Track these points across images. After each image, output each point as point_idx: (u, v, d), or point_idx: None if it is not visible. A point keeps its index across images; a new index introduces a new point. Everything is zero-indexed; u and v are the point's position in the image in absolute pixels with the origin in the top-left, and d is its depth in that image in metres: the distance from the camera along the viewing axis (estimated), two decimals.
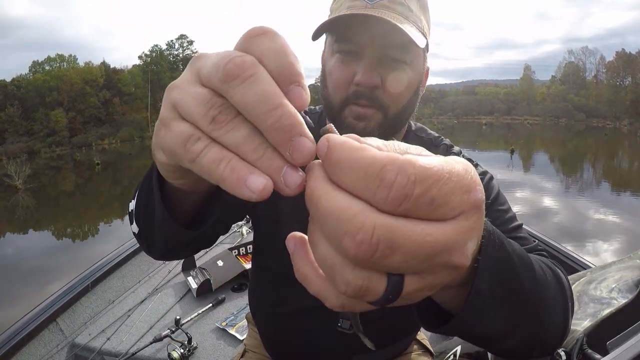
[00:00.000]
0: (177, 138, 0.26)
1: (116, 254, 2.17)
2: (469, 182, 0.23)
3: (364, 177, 0.21)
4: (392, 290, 0.23)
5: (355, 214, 0.21)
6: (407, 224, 0.21)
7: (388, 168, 0.21)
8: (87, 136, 42.14)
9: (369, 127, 0.71)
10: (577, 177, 14.83)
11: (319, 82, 0.80)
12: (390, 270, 0.23)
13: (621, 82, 58.28)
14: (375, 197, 0.21)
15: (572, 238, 6.82)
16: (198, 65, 0.27)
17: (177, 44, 56.57)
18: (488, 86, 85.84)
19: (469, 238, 0.24)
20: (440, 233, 0.22)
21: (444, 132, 24.38)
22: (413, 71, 0.72)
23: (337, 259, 0.23)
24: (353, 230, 0.21)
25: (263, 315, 0.95)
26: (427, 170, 0.21)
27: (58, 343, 1.67)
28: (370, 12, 0.64)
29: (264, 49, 0.25)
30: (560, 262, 1.84)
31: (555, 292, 0.48)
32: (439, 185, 0.21)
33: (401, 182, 0.21)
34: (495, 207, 0.73)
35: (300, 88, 0.25)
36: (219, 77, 0.24)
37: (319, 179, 0.23)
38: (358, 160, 0.22)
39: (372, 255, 0.21)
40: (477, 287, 0.34)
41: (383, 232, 0.21)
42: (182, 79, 0.28)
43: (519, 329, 0.41)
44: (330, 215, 0.22)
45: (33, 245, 8.64)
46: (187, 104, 0.26)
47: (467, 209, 0.23)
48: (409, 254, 0.22)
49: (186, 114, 0.26)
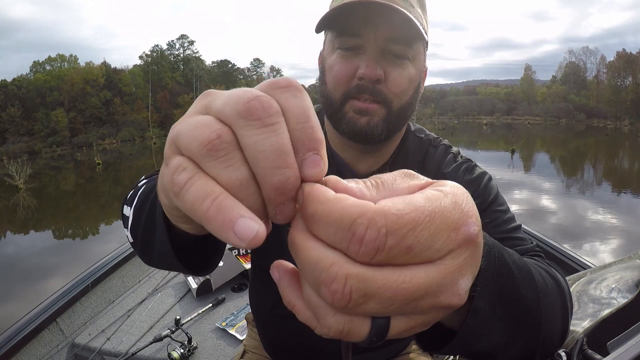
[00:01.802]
0: (168, 172, 0.24)
1: (116, 254, 2.17)
2: (457, 218, 0.22)
3: (336, 230, 0.21)
4: (377, 333, 0.23)
5: (330, 264, 0.21)
6: (382, 273, 0.21)
7: (358, 222, 0.20)
8: (88, 136, 42.19)
9: (373, 122, 0.70)
10: (578, 177, 14.80)
11: (318, 82, 0.80)
12: (371, 315, 0.22)
13: (622, 82, 58.20)
14: (348, 250, 0.21)
15: (572, 238, 6.82)
16: (208, 99, 0.25)
17: (177, 44, 56.70)
18: (489, 86, 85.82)
19: (460, 276, 0.23)
20: (423, 277, 0.21)
21: (445, 132, 24.24)
22: (415, 68, 0.72)
23: (320, 302, 0.23)
24: (328, 280, 0.21)
25: (263, 316, 0.95)
26: (400, 219, 0.20)
27: (58, 343, 1.67)
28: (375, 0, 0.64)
29: (288, 105, 0.23)
30: (560, 262, 1.85)
31: (554, 298, 0.47)
32: (416, 232, 0.21)
33: (372, 236, 0.20)
34: (494, 208, 0.73)
35: (319, 158, 0.23)
36: (238, 109, 0.22)
37: (299, 229, 0.23)
38: (330, 214, 0.21)
39: (346, 303, 0.21)
40: (477, 306, 0.33)
41: (355, 282, 0.21)
42: (187, 112, 0.26)
43: (520, 339, 0.41)
44: (307, 264, 0.22)
45: (34, 245, 8.65)
46: (185, 131, 0.24)
47: (455, 246, 0.22)
48: (385, 301, 0.21)
49: (183, 144, 0.24)
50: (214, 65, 62.79)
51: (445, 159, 0.82)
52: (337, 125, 0.74)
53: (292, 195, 0.23)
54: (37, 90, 42.43)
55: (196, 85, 56.17)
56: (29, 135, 39.77)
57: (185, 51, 57.17)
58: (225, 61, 63.59)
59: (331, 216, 0.21)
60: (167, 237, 0.44)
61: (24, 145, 36.57)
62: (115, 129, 44.99)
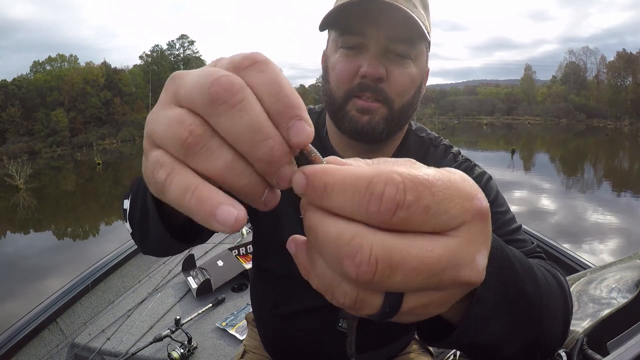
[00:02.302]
0: (147, 168, 0.24)
1: (116, 254, 2.17)
2: (469, 190, 0.22)
3: (353, 195, 0.21)
4: (390, 304, 0.23)
5: (352, 236, 0.21)
6: (405, 240, 0.21)
7: (375, 180, 0.20)
8: (88, 136, 42.14)
9: (374, 120, 0.70)
10: (578, 177, 14.80)
11: (320, 82, 0.80)
12: (395, 290, 0.22)
13: (622, 82, 58.18)
14: (368, 214, 0.21)
15: (571, 238, 6.81)
16: (175, 85, 0.24)
17: (178, 44, 56.64)
18: (489, 86, 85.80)
19: (477, 250, 0.23)
20: (443, 247, 0.21)
21: (445, 132, 24.25)
22: (417, 67, 0.72)
23: (335, 277, 0.23)
24: (351, 253, 0.21)
25: (263, 315, 0.95)
26: (416, 177, 0.21)
27: (58, 343, 1.67)
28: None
29: (258, 81, 0.23)
30: (560, 262, 1.85)
31: (556, 296, 0.47)
32: (432, 191, 0.21)
33: (391, 192, 0.20)
34: (494, 208, 0.72)
35: (303, 122, 0.23)
36: (203, 100, 0.22)
37: (312, 211, 0.23)
38: (345, 179, 0.21)
39: (372, 276, 0.20)
40: (480, 296, 0.32)
41: (380, 250, 0.20)
42: (158, 104, 0.25)
43: (521, 335, 0.41)
44: (327, 242, 0.22)
45: (33, 244, 8.65)
46: (158, 128, 0.24)
47: (469, 218, 0.22)
48: (411, 271, 0.21)
49: (158, 139, 0.24)
50: None
51: (445, 159, 0.83)
52: (339, 123, 0.74)
53: (284, 161, 0.23)
54: (37, 90, 42.39)
55: None
56: (29, 135, 39.75)
57: (185, 51, 57.16)
58: None
59: (346, 181, 0.21)
60: (158, 216, 0.48)
61: (24, 145, 36.54)
62: (115, 129, 44.95)
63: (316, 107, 0.91)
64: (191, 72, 0.24)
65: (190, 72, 0.24)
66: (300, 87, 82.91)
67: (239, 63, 0.23)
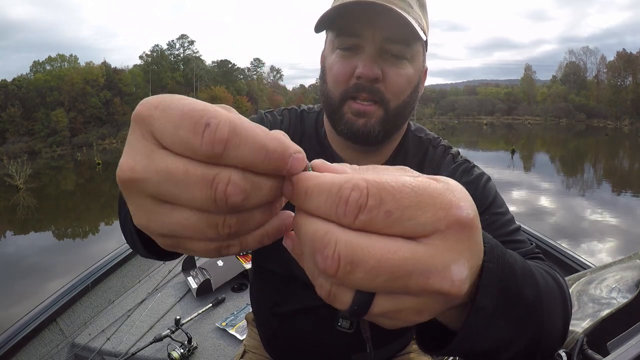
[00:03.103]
0: (206, 251, 0.26)
1: (116, 254, 2.17)
2: (449, 200, 0.23)
3: (326, 198, 0.23)
4: (359, 303, 0.24)
5: (324, 233, 0.23)
6: (369, 240, 0.22)
7: (344, 186, 0.22)
8: (88, 136, 42.17)
9: (369, 124, 0.71)
10: (578, 177, 14.80)
11: (319, 80, 0.80)
12: (360, 288, 0.23)
13: (622, 82, 58.18)
14: (337, 215, 0.23)
15: (571, 238, 6.82)
16: (151, 127, 0.24)
17: (178, 44, 56.69)
18: (489, 86, 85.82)
19: (453, 260, 0.23)
20: (409, 251, 0.22)
21: (445, 132, 24.26)
22: (413, 67, 0.72)
23: (314, 270, 0.25)
24: (321, 247, 0.23)
25: (263, 315, 0.95)
26: (381, 184, 0.22)
27: (58, 343, 1.67)
28: (373, 0, 0.64)
29: (244, 156, 0.23)
30: (560, 262, 1.85)
31: (556, 298, 0.47)
32: (395, 198, 0.22)
33: (355, 196, 0.22)
34: (493, 209, 0.73)
35: (299, 154, 0.25)
36: (204, 150, 0.22)
37: (299, 213, 0.26)
38: (320, 185, 0.23)
39: (336, 270, 0.22)
40: (479, 304, 0.32)
41: (344, 247, 0.22)
42: (135, 149, 0.24)
43: (522, 338, 0.40)
44: (306, 238, 0.24)
45: (34, 244, 8.65)
46: (172, 188, 0.23)
47: (443, 227, 0.23)
48: (371, 270, 0.22)
49: (177, 200, 0.24)
50: (214, 65, 62.75)
51: (445, 159, 0.82)
52: (335, 125, 0.74)
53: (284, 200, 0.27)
54: (37, 90, 42.40)
55: (196, 85, 56.19)
56: (29, 135, 39.74)
57: (185, 51, 57.19)
58: (225, 61, 63.56)
59: (322, 187, 0.23)
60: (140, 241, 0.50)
61: (24, 145, 36.54)
62: (115, 129, 44.93)
63: (315, 106, 0.91)
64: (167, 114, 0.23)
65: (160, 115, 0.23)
66: (300, 87, 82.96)
67: (212, 149, 0.22)
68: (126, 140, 0.25)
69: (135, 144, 0.24)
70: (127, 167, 0.24)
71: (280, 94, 71.23)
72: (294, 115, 0.88)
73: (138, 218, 0.26)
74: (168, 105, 0.23)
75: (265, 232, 0.27)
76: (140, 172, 0.23)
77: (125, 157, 0.24)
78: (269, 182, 0.25)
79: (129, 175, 0.24)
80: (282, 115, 0.88)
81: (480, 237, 0.25)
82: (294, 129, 0.86)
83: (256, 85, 65.61)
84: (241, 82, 64.01)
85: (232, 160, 0.23)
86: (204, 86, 56.47)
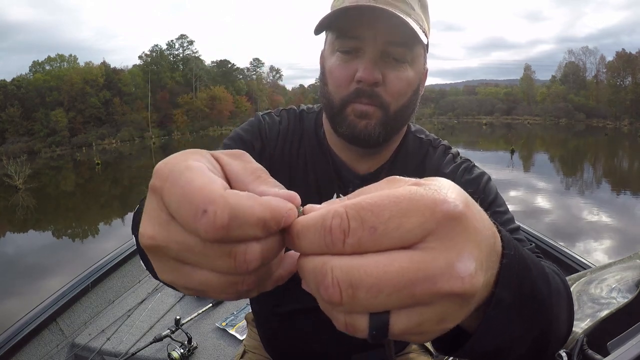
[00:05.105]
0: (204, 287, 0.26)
1: (116, 254, 2.17)
2: (431, 199, 0.23)
3: (314, 234, 0.23)
4: (376, 326, 0.23)
5: (321, 266, 0.23)
6: (362, 260, 0.22)
7: (326, 217, 0.23)
8: (87, 136, 42.13)
9: (370, 126, 0.71)
10: (577, 177, 14.81)
11: (319, 81, 0.80)
12: (369, 309, 0.23)
13: (621, 82, 58.20)
14: (327, 246, 0.23)
15: (570, 238, 6.82)
16: (163, 200, 0.24)
17: (177, 44, 56.63)
18: (488, 86, 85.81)
19: (456, 257, 0.22)
20: (405, 260, 0.22)
21: (445, 132, 24.19)
22: (414, 70, 0.72)
23: (327, 307, 0.25)
24: (321, 279, 0.23)
25: (263, 315, 0.95)
26: (357, 204, 0.23)
27: (58, 343, 1.67)
28: (374, 5, 0.64)
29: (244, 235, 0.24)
30: (560, 262, 1.85)
31: (563, 296, 0.47)
32: (375, 213, 0.22)
33: (336, 223, 0.22)
34: (493, 209, 0.73)
35: (290, 211, 0.25)
36: (207, 237, 0.23)
37: (298, 258, 0.26)
38: (307, 224, 0.24)
39: (340, 297, 0.22)
40: (499, 297, 0.30)
41: (339, 272, 0.22)
42: (153, 218, 0.25)
43: (531, 336, 0.39)
44: (308, 276, 0.24)
45: (33, 244, 8.64)
46: (192, 257, 0.24)
47: (434, 226, 0.22)
48: (372, 287, 0.22)
49: (199, 265, 0.25)
50: (213, 65, 62.71)
51: (445, 160, 0.82)
52: (336, 127, 0.74)
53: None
54: (36, 90, 42.33)
55: (196, 85, 56.10)
56: (28, 135, 39.69)
57: (184, 51, 57.14)
58: (224, 61, 63.51)
59: (308, 225, 0.24)
60: None
61: (23, 145, 36.49)
62: (114, 129, 44.91)
63: (315, 106, 0.91)
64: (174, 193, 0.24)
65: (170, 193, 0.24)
66: (300, 87, 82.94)
67: (215, 235, 0.23)
68: (144, 206, 0.26)
69: (152, 212, 0.25)
70: (147, 236, 0.25)
71: (279, 93, 71.19)
72: (293, 115, 0.88)
73: (163, 275, 0.27)
74: (175, 179, 0.24)
75: (280, 276, 0.29)
76: (160, 241, 0.24)
77: (145, 225, 0.25)
78: (276, 238, 0.25)
79: (151, 242, 0.25)
80: (280, 116, 0.87)
81: (480, 223, 0.25)
82: (293, 129, 0.86)
83: (256, 85, 65.54)
84: (241, 82, 63.95)
85: (238, 238, 0.23)
86: (204, 86, 56.44)
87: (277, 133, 0.84)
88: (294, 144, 0.84)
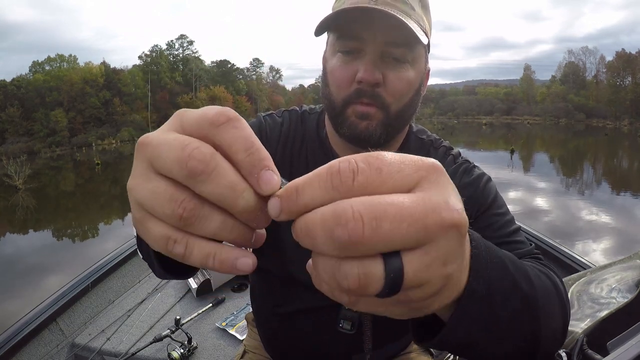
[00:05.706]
0: (157, 241, 0.28)
1: (116, 254, 2.17)
2: (416, 159, 0.26)
3: (319, 184, 0.25)
4: (393, 270, 0.24)
5: (333, 210, 0.23)
6: (378, 197, 0.24)
7: (332, 166, 0.25)
8: (87, 136, 42.13)
9: (371, 126, 0.71)
10: (577, 177, 14.81)
11: (320, 82, 0.80)
12: (387, 246, 0.24)
13: (621, 82, 58.21)
14: (334, 190, 0.24)
15: (569, 237, 6.82)
16: (148, 154, 0.27)
17: (177, 44, 56.67)
18: (488, 86, 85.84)
19: (447, 194, 0.25)
20: (413, 198, 0.24)
21: (444, 132, 24.21)
22: (415, 70, 0.72)
23: (334, 263, 0.25)
24: (337, 220, 0.23)
25: (263, 315, 0.96)
26: (362, 154, 0.25)
27: (58, 343, 1.67)
28: (373, 6, 0.64)
29: (231, 138, 0.26)
30: (559, 262, 1.85)
31: (552, 294, 0.47)
32: (379, 158, 0.25)
33: (345, 165, 0.24)
34: (493, 210, 0.73)
35: (271, 172, 0.26)
36: (183, 174, 0.25)
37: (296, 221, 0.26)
38: (308, 177, 0.25)
39: (362, 230, 0.23)
40: (471, 287, 0.32)
41: (361, 206, 0.23)
42: (137, 173, 0.28)
43: (519, 332, 0.40)
44: (315, 228, 0.24)
45: (33, 244, 8.64)
46: (150, 203, 0.27)
47: (425, 173, 0.25)
48: (395, 217, 0.23)
49: (152, 211, 0.27)
50: (213, 65, 62.73)
51: (445, 161, 0.82)
52: (338, 127, 0.75)
53: (258, 207, 0.27)
54: (36, 91, 42.33)
55: (195, 85, 56.14)
56: (28, 135, 39.69)
57: (184, 51, 57.17)
58: (224, 61, 63.54)
59: (310, 178, 0.25)
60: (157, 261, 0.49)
61: (23, 146, 36.46)
62: (114, 129, 44.89)
63: (317, 107, 0.91)
64: (161, 140, 0.27)
65: (159, 140, 0.27)
66: (300, 87, 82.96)
67: (215, 119, 0.26)
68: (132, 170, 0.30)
69: (136, 170, 0.29)
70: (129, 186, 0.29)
71: (279, 93, 71.20)
72: (295, 116, 0.88)
73: (134, 186, 0.28)
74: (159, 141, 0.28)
75: (213, 253, 0.27)
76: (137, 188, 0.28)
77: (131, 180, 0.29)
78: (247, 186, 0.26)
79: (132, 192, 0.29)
80: (282, 117, 0.87)
81: (449, 179, 0.27)
82: (294, 130, 0.86)
83: (255, 86, 65.55)
84: (240, 82, 63.97)
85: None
86: (204, 86, 56.43)
87: (278, 134, 0.84)
88: (296, 145, 0.84)
